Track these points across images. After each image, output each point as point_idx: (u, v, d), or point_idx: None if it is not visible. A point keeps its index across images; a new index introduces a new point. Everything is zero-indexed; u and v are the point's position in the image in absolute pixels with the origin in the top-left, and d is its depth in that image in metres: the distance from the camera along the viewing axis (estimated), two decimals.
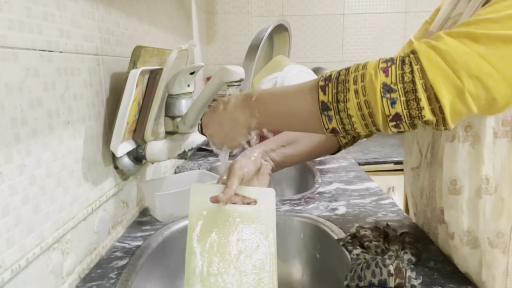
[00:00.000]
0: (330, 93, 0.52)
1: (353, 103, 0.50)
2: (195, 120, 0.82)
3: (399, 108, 0.48)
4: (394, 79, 0.48)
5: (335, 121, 0.52)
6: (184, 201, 0.87)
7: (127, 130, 0.75)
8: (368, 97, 0.49)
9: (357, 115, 0.50)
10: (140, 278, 0.68)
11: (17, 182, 0.49)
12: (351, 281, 0.60)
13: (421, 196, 0.74)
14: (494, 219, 0.56)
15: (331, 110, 0.52)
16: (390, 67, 0.49)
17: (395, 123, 0.49)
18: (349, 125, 0.52)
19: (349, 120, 0.51)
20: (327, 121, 0.53)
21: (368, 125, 0.51)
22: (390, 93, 0.48)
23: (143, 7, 0.97)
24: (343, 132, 0.53)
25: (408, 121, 0.48)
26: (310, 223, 0.86)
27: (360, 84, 0.49)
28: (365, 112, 0.50)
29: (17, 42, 0.49)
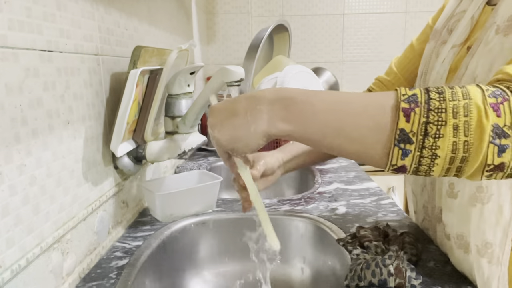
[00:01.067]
0: (416, 121, 0.39)
1: (447, 142, 0.39)
2: (195, 120, 0.82)
3: (507, 158, 0.38)
4: (509, 121, 0.38)
5: (412, 158, 0.40)
6: (184, 201, 0.87)
7: (127, 130, 0.75)
8: (471, 138, 0.38)
9: (446, 157, 0.39)
10: (140, 278, 0.68)
11: (17, 182, 0.49)
12: (351, 281, 0.60)
13: (421, 193, 0.74)
14: (483, 229, 0.55)
15: (412, 144, 0.39)
16: (502, 104, 0.39)
17: (491, 173, 0.40)
18: (427, 166, 0.40)
19: (431, 160, 0.40)
20: (399, 156, 0.40)
21: (451, 171, 0.40)
22: (501, 138, 0.38)
23: (143, 7, 0.97)
24: (411, 172, 0.41)
25: (509, 171, 0.39)
26: (310, 223, 0.86)
27: (462, 119, 0.38)
28: (459, 155, 0.39)
29: (17, 42, 0.49)
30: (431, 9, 2.16)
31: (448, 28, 0.67)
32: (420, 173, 0.42)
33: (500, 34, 0.53)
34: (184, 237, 0.86)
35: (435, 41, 0.70)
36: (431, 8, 2.16)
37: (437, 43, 0.69)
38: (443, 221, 0.65)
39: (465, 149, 0.39)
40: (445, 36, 0.67)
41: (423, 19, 2.17)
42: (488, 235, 0.54)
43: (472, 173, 0.40)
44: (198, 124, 0.85)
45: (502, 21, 0.53)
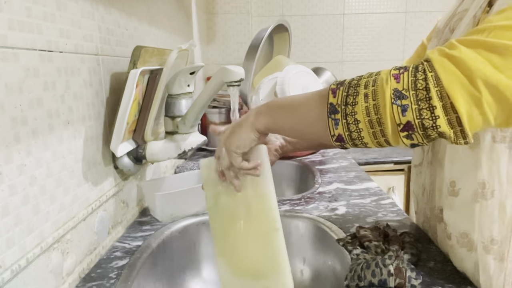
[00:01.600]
0: (340, 95, 0.50)
1: (361, 107, 0.48)
2: (195, 120, 0.82)
3: (410, 116, 0.45)
4: (406, 85, 0.45)
5: (341, 126, 0.50)
6: (184, 201, 0.87)
7: (127, 130, 0.75)
8: (377, 102, 0.47)
9: (364, 121, 0.48)
10: (140, 278, 0.68)
11: (17, 182, 0.49)
12: (351, 281, 0.60)
13: (422, 194, 0.74)
14: (488, 225, 0.55)
15: (338, 113, 0.50)
16: (402, 73, 0.47)
17: (406, 133, 0.46)
18: (356, 132, 0.49)
19: (356, 126, 0.49)
20: (333, 125, 0.50)
21: (376, 135, 0.48)
22: (401, 99, 0.45)
23: (143, 7, 0.97)
24: (349, 140, 0.50)
25: (421, 132, 0.46)
26: (310, 223, 0.86)
27: (370, 89, 0.48)
28: (373, 118, 0.47)
29: (17, 42, 0.49)
30: (431, 9, 2.16)
31: (450, 27, 0.67)
32: (356, 141, 0.50)
33: None
34: (184, 237, 0.86)
35: (437, 40, 0.70)
36: (431, 8, 2.16)
37: (439, 42, 0.69)
38: (444, 220, 0.64)
39: (376, 111, 0.47)
40: (447, 34, 0.67)
41: (423, 19, 2.17)
42: (493, 232, 0.54)
43: (392, 136, 0.47)
44: (198, 124, 0.85)
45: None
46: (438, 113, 0.44)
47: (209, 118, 1.56)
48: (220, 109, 1.54)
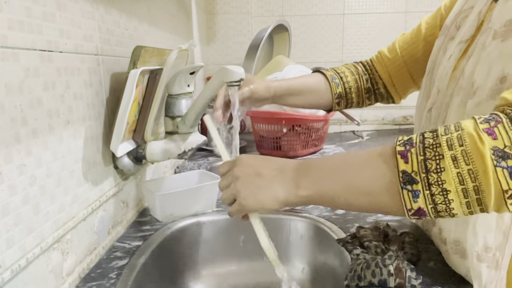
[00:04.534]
0: (414, 160, 0.40)
1: (451, 174, 0.39)
2: (195, 120, 0.82)
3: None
4: (508, 141, 0.37)
5: (424, 198, 0.40)
6: (184, 201, 0.87)
7: (127, 130, 0.75)
8: (473, 166, 0.38)
9: (457, 190, 0.39)
10: (140, 278, 0.68)
11: (17, 182, 0.49)
12: (351, 281, 0.60)
13: None
14: (484, 234, 0.54)
15: (417, 184, 0.40)
16: (496, 126, 0.38)
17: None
18: (444, 204, 0.40)
19: (445, 197, 0.40)
20: (411, 198, 0.41)
21: (472, 205, 0.39)
22: (507, 160, 0.37)
23: (143, 7, 0.97)
24: (433, 213, 0.41)
25: None
26: (310, 223, 0.86)
27: (458, 149, 0.39)
28: (470, 186, 0.38)
29: (17, 42, 0.49)
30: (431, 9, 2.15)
31: (457, 24, 0.66)
32: (442, 214, 0.41)
33: (497, 39, 0.52)
34: (184, 237, 0.86)
35: (444, 37, 0.70)
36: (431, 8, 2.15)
37: (445, 39, 0.69)
38: (438, 225, 0.65)
39: (473, 178, 0.38)
40: (453, 32, 0.67)
41: None
42: (488, 240, 0.54)
43: (496, 204, 0.39)
44: (198, 124, 0.85)
45: (499, 26, 0.52)
46: None
47: None
48: None
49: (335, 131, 2.11)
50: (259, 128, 1.44)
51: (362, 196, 0.45)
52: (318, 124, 1.44)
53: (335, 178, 0.47)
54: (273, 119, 1.38)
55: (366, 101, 0.91)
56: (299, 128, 1.40)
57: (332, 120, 2.05)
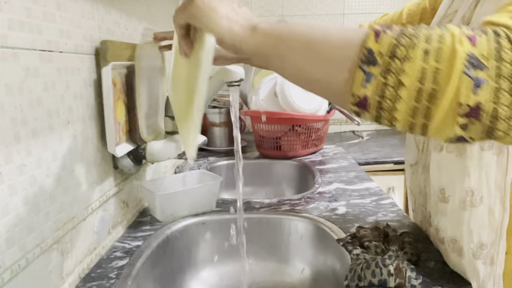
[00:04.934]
0: (386, 41, 0.35)
1: (415, 66, 0.34)
2: None
3: (484, 96, 0.33)
4: (487, 53, 0.33)
5: (374, 84, 0.35)
6: (184, 201, 0.87)
7: (121, 130, 0.75)
8: (441, 65, 0.33)
9: (411, 87, 0.34)
10: (140, 278, 0.68)
11: (17, 182, 0.49)
12: (351, 281, 0.60)
13: (419, 194, 0.74)
14: (478, 231, 0.55)
15: (376, 66, 0.35)
16: (480, 36, 0.34)
17: (466, 121, 0.34)
18: (390, 100, 0.35)
19: (396, 91, 0.35)
20: (362, 80, 0.36)
21: (417, 113, 0.35)
22: (477, 70, 0.33)
23: (143, 7, 0.97)
24: (374, 108, 0.36)
25: (488, 122, 0.33)
26: (310, 223, 0.86)
27: (435, 46, 0.34)
28: (426, 88, 0.34)
29: (17, 42, 0.49)
30: None
31: None
32: (384, 114, 0.36)
33: None
34: (184, 237, 0.86)
35: None
36: None
37: None
38: (436, 225, 0.65)
39: (435, 80, 0.34)
40: None
41: None
42: (482, 236, 0.54)
43: (443, 119, 0.34)
44: None
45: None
46: None
47: (209, 118, 1.56)
48: (220, 109, 1.54)
49: (335, 131, 2.11)
50: (259, 128, 1.44)
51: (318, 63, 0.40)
52: (318, 124, 1.44)
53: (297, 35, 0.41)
54: (273, 119, 1.38)
55: None
56: (299, 128, 1.40)
57: (332, 120, 2.05)
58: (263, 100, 1.39)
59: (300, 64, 0.41)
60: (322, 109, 1.44)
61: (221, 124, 1.55)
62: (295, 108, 1.34)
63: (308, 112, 1.37)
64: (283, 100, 1.34)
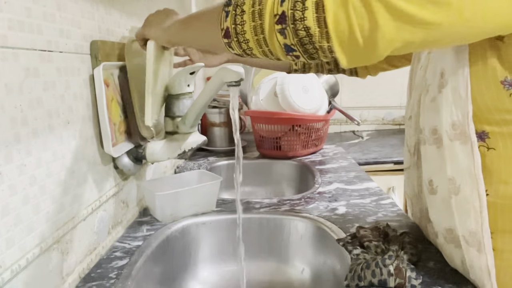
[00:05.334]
0: None
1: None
2: (195, 120, 0.81)
3: (286, 6, 0.44)
4: None
5: (230, 18, 0.49)
6: (184, 201, 0.87)
7: (117, 131, 0.75)
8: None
9: (248, 10, 0.48)
10: (140, 278, 0.68)
11: (17, 182, 0.49)
12: (351, 281, 0.60)
13: (414, 196, 0.75)
14: (464, 218, 0.55)
15: (230, 5, 0.50)
16: None
17: (280, 27, 0.45)
18: (240, 25, 0.49)
19: (241, 17, 0.48)
20: (224, 18, 0.50)
21: (256, 29, 0.48)
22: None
23: (143, 7, 0.97)
24: (234, 35, 0.50)
25: (291, 25, 0.44)
26: (310, 223, 0.86)
27: None
28: (256, 9, 0.47)
29: (17, 42, 0.49)
30: None
31: None
32: (240, 39, 0.50)
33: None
34: (184, 237, 0.86)
35: None
36: None
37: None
38: (431, 220, 0.65)
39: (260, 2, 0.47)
40: None
41: None
42: (469, 224, 0.55)
43: (269, 30, 0.46)
44: (198, 124, 0.85)
45: None
46: (308, 4, 0.43)
47: (209, 118, 1.56)
48: (220, 109, 1.54)
49: (335, 131, 2.11)
50: (259, 128, 1.44)
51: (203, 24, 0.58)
52: (318, 124, 1.44)
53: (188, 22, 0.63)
54: (273, 119, 1.38)
55: (325, 66, 0.93)
56: (299, 128, 1.40)
57: (332, 120, 2.05)
58: (263, 100, 1.39)
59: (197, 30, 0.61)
60: (322, 109, 1.44)
61: (221, 124, 1.55)
62: (295, 108, 1.34)
63: (308, 112, 1.37)
64: (283, 100, 1.34)
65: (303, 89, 1.38)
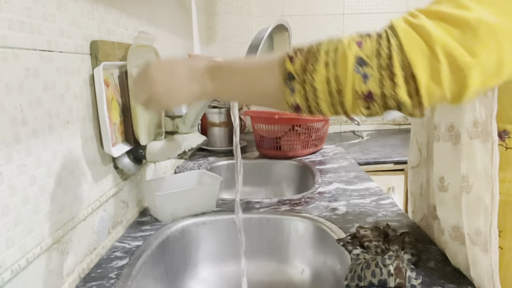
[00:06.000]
0: (298, 62, 0.48)
1: (321, 75, 0.46)
2: (195, 120, 0.82)
3: (372, 85, 0.44)
4: (370, 53, 0.44)
5: (298, 94, 0.47)
6: (184, 201, 0.87)
7: (116, 131, 0.75)
8: (338, 71, 0.45)
9: (323, 90, 0.46)
10: (140, 278, 0.68)
11: (17, 182, 0.49)
12: (351, 281, 0.60)
13: (420, 194, 0.75)
14: (473, 217, 0.56)
15: (294, 80, 0.47)
16: (365, 40, 0.45)
17: (366, 104, 0.45)
18: (314, 101, 0.47)
19: (314, 95, 0.47)
20: (289, 93, 0.48)
21: (335, 105, 0.47)
22: (363, 66, 0.44)
23: (143, 7, 0.97)
24: (307, 109, 0.49)
25: (381, 102, 0.44)
26: (310, 223, 0.86)
27: (331, 57, 0.46)
28: (333, 87, 0.45)
29: (17, 42, 0.49)
30: None
31: None
32: (313, 110, 0.48)
33: None
34: (184, 237, 0.86)
35: None
36: None
37: None
38: (437, 216, 0.65)
39: (337, 81, 0.45)
40: None
41: None
42: (478, 224, 0.55)
43: (352, 105, 0.46)
44: (198, 124, 0.85)
45: None
46: (399, 81, 0.43)
47: (209, 118, 1.56)
48: (220, 109, 1.54)
49: (335, 131, 2.11)
50: (259, 128, 1.44)
51: (257, 92, 0.53)
52: (318, 124, 1.44)
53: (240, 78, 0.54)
54: (273, 119, 1.38)
55: None
56: (299, 128, 1.40)
57: (332, 120, 2.05)
58: None
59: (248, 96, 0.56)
60: None
61: (221, 124, 1.55)
62: None
63: None
64: None
65: None
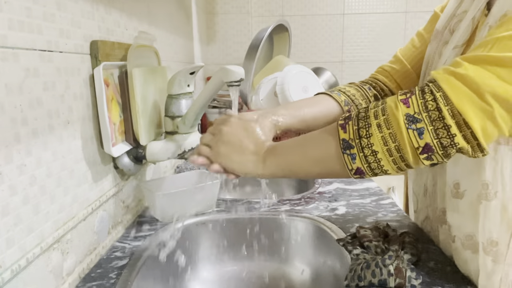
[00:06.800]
0: (351, 130, 0.51)
1: (377, 138, 0.48)
2: (195, 120, 0.81)
3: (428, 138, 0.46)
4: (417, 109, 0.47)
5: (359, 159, 0.50)
6: (184, 201, 0.87)
7: (116, 131, 0.75)
8: (392, 130, 0.48)
9: (383, 150, 0.49)
10: (140, 278, 0.68)
11: (17, 182, 0.49)
12: (351, 281, 0.60)
13: (424, 194, 0.74)
14: (490, 226, 0.55)
15: (353, 148, 0.50)
16: (410, 97, 0.48)
17: (426, 155, 0.47)
18: (375, 162, 0.50)
19: (375, 157, 0.49)
20: (350, 161, 0.51)
21: (397, 161, 0.49)
22: (415, 123, 0.47)
23: (143, 7, 0.97)
24: (370, 172, 0.51)
25: (441, 152, 0.47)
26: (310, 223, 0.86)
27: (381, 118, 0.49)
28: (392, 146, 0.48)
29: (17, 42, 0.49)
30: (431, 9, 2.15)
31: (450, 28, 0.66)
32: (376, 171, 0.51)
33: None
34: (184, 237, 0.86)
35: (437, 42, 0.70)
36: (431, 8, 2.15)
37: (439, 44, 0.69)
38: (447, 222, 0.64)
39: (393, 139, 0.48)
40: (447, 36, 0.67)
41: (423, 19, 2.17)
42: (493, 233, 0.54)
43: (413, 159, 0.48)
44: (198, 124, 0.85)
45: (494, 21, 0.52)
46: (454, 131, 0.45)
47: (209, 118, 1.56)
48: (220, 109, 1.54)
49: None
50: None
51: (316, 164, 0.56)
52: None
53: (295, 154, 0.58)
54: None
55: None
56: None
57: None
58: (263, 100, 1.39)
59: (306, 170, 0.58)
60: None
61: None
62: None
63: None
64: (283, 100, 1.34)
65: (303, 89, 1.38)
